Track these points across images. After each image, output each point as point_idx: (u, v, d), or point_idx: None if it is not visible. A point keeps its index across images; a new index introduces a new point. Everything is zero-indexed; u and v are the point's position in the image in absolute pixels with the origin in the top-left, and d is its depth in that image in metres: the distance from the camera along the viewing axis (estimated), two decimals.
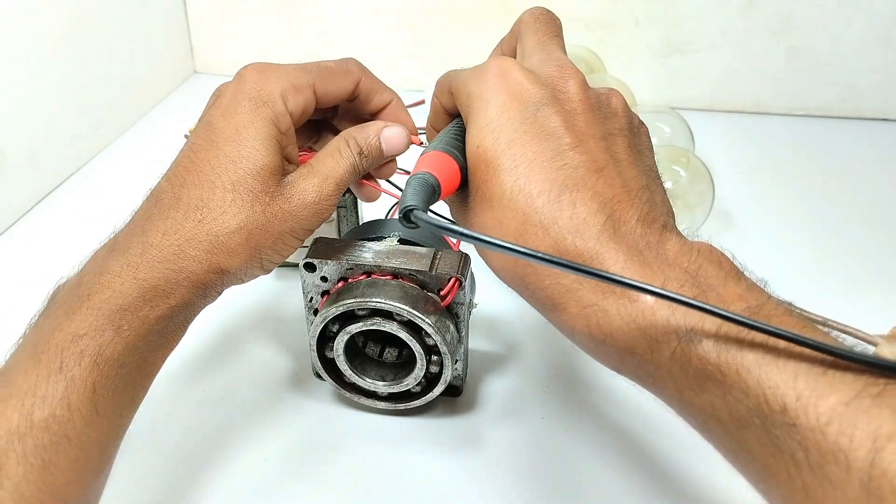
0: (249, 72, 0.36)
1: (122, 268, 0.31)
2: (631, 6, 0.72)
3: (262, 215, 0.33)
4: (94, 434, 0.29)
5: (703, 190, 0.54)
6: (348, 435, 0.41)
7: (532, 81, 0.30)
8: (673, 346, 0.25)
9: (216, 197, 0.33)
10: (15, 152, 0.59)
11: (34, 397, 0.28)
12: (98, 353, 0.29)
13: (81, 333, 0.29)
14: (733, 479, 0.38)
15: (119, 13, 0.70)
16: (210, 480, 0.39)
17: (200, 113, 0.37)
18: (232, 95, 0.35)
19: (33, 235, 0.59)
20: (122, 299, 0.30)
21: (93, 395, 0.29)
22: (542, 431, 0.41)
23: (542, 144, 0.28)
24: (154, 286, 0.31)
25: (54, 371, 0.28)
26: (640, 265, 0.26)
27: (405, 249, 0.39)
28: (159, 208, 0.33)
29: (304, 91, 0.36)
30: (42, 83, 0.62)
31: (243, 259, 0.33)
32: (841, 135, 0.72)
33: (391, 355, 0.42)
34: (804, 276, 0.53)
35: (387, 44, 0.80)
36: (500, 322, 0.49)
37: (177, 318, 0.33)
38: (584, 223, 0.27)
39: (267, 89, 0.35)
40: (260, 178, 0.33)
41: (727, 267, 0.26)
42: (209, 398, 0.44)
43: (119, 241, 0.33)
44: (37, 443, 0.27)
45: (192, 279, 0.32)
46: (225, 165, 0.33)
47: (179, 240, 0.32)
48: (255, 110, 0.34)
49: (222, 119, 0.34)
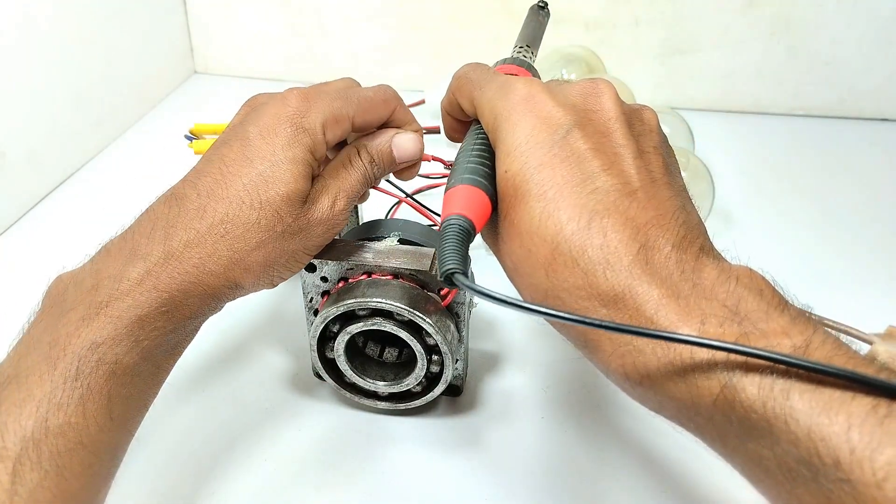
0: (294, 96, 0.35)
1: (142, 277, 0.31)
2: (631, 6, 0.72)
3: (281, 235, 0.33)
4: (107, 440, 0.29)
5: (703, 190, 0.54)
6: (348, 435, 0.41)
7: (561, 104, 0.29)
8: (715, 393, 0.23)
9: (242, 214, 0.33)
10: (15, 152, 0.59)
11: (49, 404, 0.28)
12: (115, 363, 0.29)
13: (99, 342, 0.29)
14: (732, 480, 0.38)
15: (119, 13, 0.70)
16: (210, 481, 0.39)
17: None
18: (273, 116, 0.35)
19: (33, 235, 0.59)
20: (140, 310, 0.30)
21: (108, 403, 0.29)
22: (542, 431, 0.41)
23: (571, 168, 0.27)
24: (172, 298, 0.31)
25: (70, 378, 0.28)
26: (676, 301, 0.24)
27: (405, 249, 0.39)
28: (183, 217, 0.33)
29: (343, 123, 0.36)
30: (42, 83, 0.62)
31: (257, 275, 0.34)
32: (841, 135, 0.72)
33: (391, 355, 0.42)
34: (804, 275, 0.53)
35: (387, 43, 0.79)
36: (499, 322, 0.49)
37: (188, 327, 0.33)
38: (615, 254, 0.25)
39: (310, 118, 0.35)
40: (288, 202, 0.33)
41: (769, 295, 0.25)
42: (208, 399, 0.44)
43: (140, 246, 0.32)
44: (52, 449, 0.27)
45: (208, 292, 0.33)
46: (257, 184, 0.33)
47: (201, 253, 0.32)
48: (295, 136, 0.34)
49: (260, 138, 0.34)
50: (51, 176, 0.64)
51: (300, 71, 0.82)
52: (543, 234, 0.27)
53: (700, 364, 0.23)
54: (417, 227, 0.43)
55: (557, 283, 0.26)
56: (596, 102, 0.30)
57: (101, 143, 0.70)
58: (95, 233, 0.35)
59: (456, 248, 0.27)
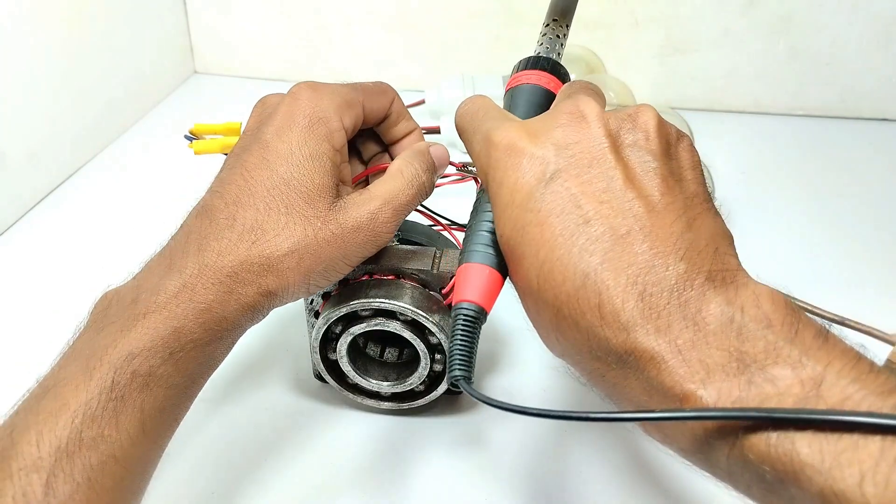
0: (303, 90, 0.35)
1: (179, 289, 0.31)
2: (631, 6, 0.72)
3: (314, 240, 0.33)
4: (139, 454, 0.29)
5: None
6: (348, 435, 0.41)
7: (542, 146, 0.27)
8: (727, 450, 0.22)
9: (270, 219, 0.32)
10: (15, 152, 0.59)
11: (84, 416, 0.27)
12: (150, 375, 0.29)
13: (136, 353, 0.29)
14: None
15: (119, 13, 0.70)
16: (210, 483, 0.39)
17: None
18: (286, 114, 0.34)
19: (33, 235, 0.59)
20: (177, 322, 0.30)
21: (141, 416, 0.29)
22: (542, 431, 0.41)
23: (561, 220, 0.26)
24: (208, 309, 0.31)
25: (105, 389, 0.28)
26: (677, 357, 0.23)
27: (406, 249, 0.39)
28: (214, 228, 0.32)
29: (355, 107, 0.36)
30: (42, 83, 0.61)
31: (292, 282, 0.33)
32: (841, 135, 0.72)
33: (392, 355, 0.42)
34: (804, 275, 0.53)
35: (387, 43, 0.79)
36: (500, 321, 0.49)
37: (226, 340, 0.33)
38: (612, 314, 0.24)
39: (321, 106, 0.35)
40: (312, 202, 0.33)
41: (778, 325, 0.23)
42: (209, 401, 0.44)
43: (175, 260, 0.32)
44: (85, 462, 0.27)
45: (243, 301, 0.32)
46: (279, 187, 0.33)
47: (234, 261, 0.32)
48: (310, 129, 0.34)
49: (276, 138, 0.34)
50: (51, 176, 0.64)
51: (300, 71, 0.82)
52: (545, 299, 0.26)
53: (710, 424, 0.23)
54: (418, 226, 0.43)
55: (568, 345, 0.26)
56: (578, 131, 0.28)
57: (101, 144, 0.70)
58: (95, 233, 0.35)
59: (465, 350, 0.28)
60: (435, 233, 0.43)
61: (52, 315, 0.48)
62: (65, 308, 0.33)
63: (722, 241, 0.26)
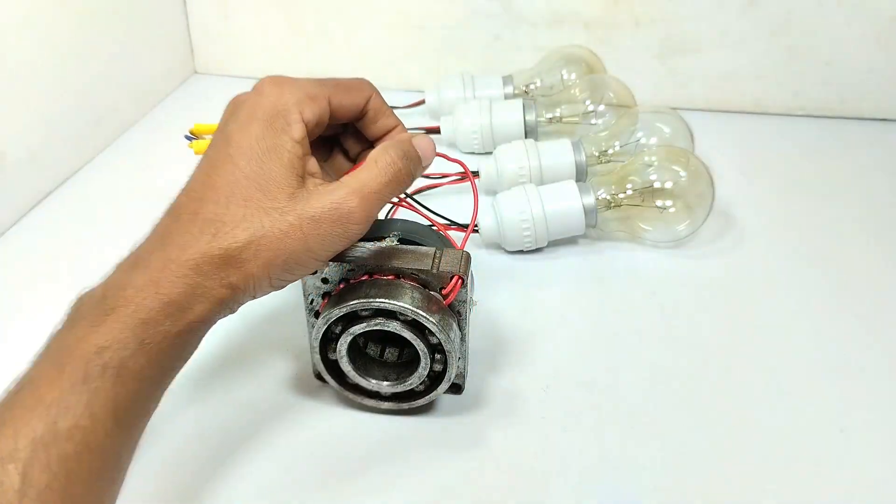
0: (266, 84, 0.36)
1: (144, 283, 0.32)
2: (631, 6, 0.72)
3: (271, 230, 0.33)
4: (113, 445, 0.30)
5: (703, 190, 0.54)
6: (348, 436, 0.41)
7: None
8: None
9: (230, 212, 0.33)
10: (15, 152, 0.59)
11: (58, 407, 0.28)
12: (121, 366, 0.30)
13: (105, 346, 0.30)
14: (731, 481, 0.39)
15: (119, 13, 0.70)
16: (211, 483, 0.39)
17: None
18: (248, 109, 0.35)
19: (33, 235, 0.59)
20: (144, 314, 0.31)
21: (115, 407, 0.30)
22: (543, 431, 0.41)
23: None
24: (174, 301, 0.32)
25: (78, 382, 0.29)
26: None
27: (406, 249, 0.39)
28: (178, 224, 0.34)
29: (319, 101, 0.37)
30: (42, 83, 0.61)
31: (253, 275, 0.33)
32: (841, 135, 0.72)
33: (392, 355, 0.42)
34: (804, 275, 0.53)
35: (387, 43, 0.79)
36: (500, 321, 0.49)
37: (195, 332, 0.33)
38: None
39: (283, 100, 0.35)
40: (269, 193, 0.33)
41: None
42: (208, 400, 0.44)
43: (141, 257, 0.33)
44: (60, 452, 0.28)
45: (208, 294, 0.33)
46: (240, 181, 0.33)
47: (195, 255, 0.32)
48: (269, 122, 0.35)
49: (239, 133, 0.35)
50: (51, 176, 0.64)
51: (300, 71, 0.81)
52: None
53: None
54: (417, 226, 0.43)
55: None
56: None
57: (101, 143, 0.70)
58: (95, 233, 0.35)
59: None
60: (435, 233, 0.43)
61: (53, 315, 0.48)
62: (65, 308, 0.33)
63: None
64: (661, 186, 0.53)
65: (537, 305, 0.51)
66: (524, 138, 0.62)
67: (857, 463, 0.39)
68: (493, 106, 0.65)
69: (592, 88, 0.64)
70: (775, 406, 0.43)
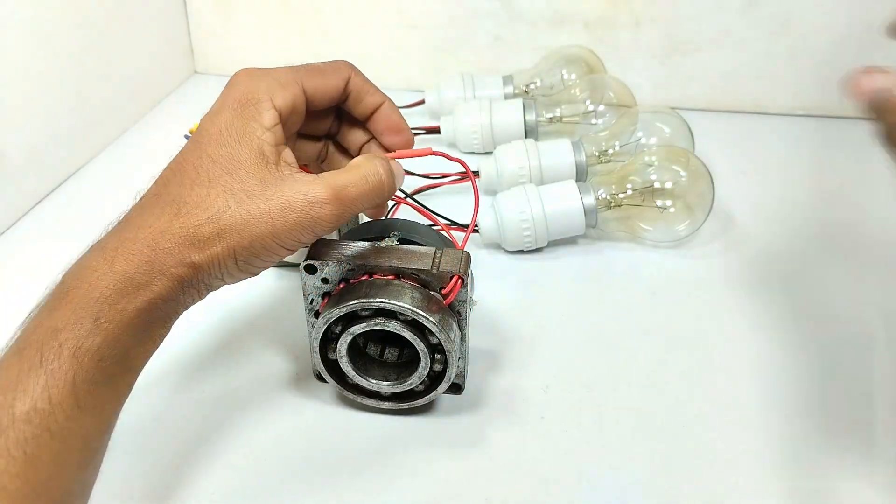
0: (239, 76, 0.37)
1: (98, 262, 0.32)
2: (631, 6, 0.72)
3: (236, 211, 0.33)
4: (76, 428, 0.29)
5: (703, 190, 0.54)
6: (348, 435, 0.41)
7: None
8: None
9: (193, 193, 0.33)
10: (15, 152, 0.59)
11: (15, 391, 0.28)
12: (77, 346, 0.30)
13: (60, 327, 0.30)
14: (731, 480, 0.39)
15: (119, 13, 0.70)
16: (211, 482, 0.39)
17: (199, 113, 0.37)
18: (221, 100, 0.36)
19: (33, 235, 0.59)
20: (98, 292, 0.31)
21: (73, 389, 0.29)
22: (542, 431, 0.41)
23: None
24: (130, 277, 0.31)
25: (35, 365, 0.29)
26: None
27: (406, 249, 0.39)
28: (140, 207, 0.34)
29: (290, 87, 0.37)
30: (41, 83, 0.61)
31: (216, 255, 0.33)
32: (841, 135, 0.72)
33: (392, 355, 0.42)
34: (804, 275, 0.53)
35: (387, 43, 0.79)
36: (499, 320, 0.49)
37: (156, 312, 0.33)
38: None
39: (252, 88, 0.36)
40: (236, 175, 0.33)
41: None
42: (208, 399, 0.44)
43: (100, 241, 0.33)
44: (19, 436, 0.27)
45: (166, 272, 0.32)
46: (205, 164, 0.34)
47: (154, 232, 0.32)
48: (240, 110, 0.35)
49: (209, 122, 0.35)
50: (51, 176, 0.64)
51: None
52: None
53: None
54: (417, 226, 0.43)
55: None
56: None
57: (101, 144, 0.70)
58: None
59: None
60: (435, 233, 0.43)
61: None
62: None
63: None
64: (662, 186, 0.53)
65: (537, 305, 0.51)
66: (524, 138, 0.62)
67: (860, 462, 0.39)
68: (493, 106, 0.65)
69: (592, 88, 0.64)
70: (776, 405, 0.43)
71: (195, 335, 0.47)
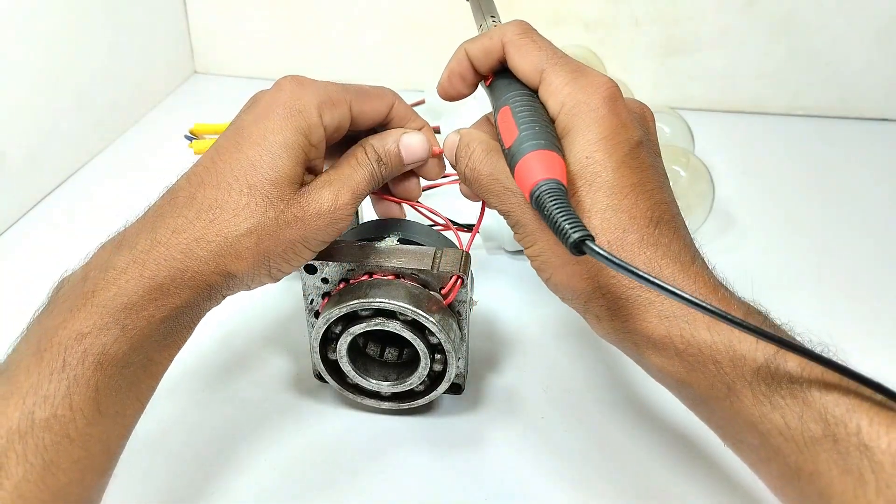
0: (288, 82, 0.36)
1: (128, 264, 0.31)
2: (631, 6, 0.72)
3: (275, 221, 0.33)
4: (97, 434, 0.29)
5: (703, 190, 0.54)
6: (349, 435, 0.41)
7: (632, 117, 0.33)
8: (759, 363, 0.28)
9: (231, 199, 0.32)
10: (15, 152, 0.59)
11: (36, 396, 0.27)
12: (102, 353, 0.29)
13: (85, 332, 0.29)
14: (732, 480, 0.39)
15: (119, 13, 0.70)
16: (212, 482, 0.39)
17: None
18: (267, 103, 0.35)
19: (33, 235, 0.59)
20: (127, 297, 0.30)
21: (95, 395, 0.29)
22: (543, 431, 0.41)
23: (640, 176, 0.31)
24: (160, 285, 0.31)
25: (57, 370, 0.28)
26: (715, 293, 0.30)
27: (406, 249, 0.39)
28: (172, 206, 0.33)
29: (340, 106, 0.36)
30: (42, 83, 0.61)
31: (251, 264, 0.33)
32: (841, 135, 0.72)
33: (392, 355, 0.42)
34: (804, 275, 0.53)
35: (387, 43, 0.79)
36: (499, 321, 0.49)
37: (182, 318, 0.32)
38: (678, 254, 0.31)
39: (304, 100, 0.35)
40: (278, 185, 0.33)
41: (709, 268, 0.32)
42: (208, 400, 0.44)
43: (127, 237, 0.32)
44: (38, 442, 0.27)
45: (198, 280, 0.32)
46: (245, 168, 0.33)
47: (188, 238, 0.31)
48: (288, 118, 0.34)
49: (252, 124, 0.34)
50: (51, 176, 0.64)
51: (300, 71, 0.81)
52: (615, 222, 0.30)
53: (751, 339, 0.28)
54: (417, 226, 0.43)
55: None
56: (649, 126, 0.34)
57: (101, 143, 0.70)
58: (95, 233, 0.35)
59: (573, 213, 0.28)
60: (435, 233, 0.43)
61: None
62: (47, 291, 0.33)
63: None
64: None
65: (537, 305, 0.51)
66: None
67: None
68: None
69: None
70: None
71: (194, 336, 0.47)
